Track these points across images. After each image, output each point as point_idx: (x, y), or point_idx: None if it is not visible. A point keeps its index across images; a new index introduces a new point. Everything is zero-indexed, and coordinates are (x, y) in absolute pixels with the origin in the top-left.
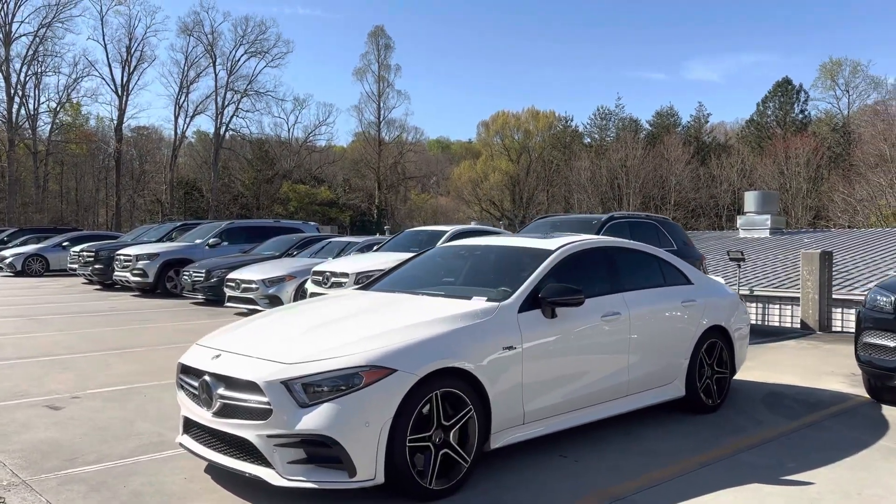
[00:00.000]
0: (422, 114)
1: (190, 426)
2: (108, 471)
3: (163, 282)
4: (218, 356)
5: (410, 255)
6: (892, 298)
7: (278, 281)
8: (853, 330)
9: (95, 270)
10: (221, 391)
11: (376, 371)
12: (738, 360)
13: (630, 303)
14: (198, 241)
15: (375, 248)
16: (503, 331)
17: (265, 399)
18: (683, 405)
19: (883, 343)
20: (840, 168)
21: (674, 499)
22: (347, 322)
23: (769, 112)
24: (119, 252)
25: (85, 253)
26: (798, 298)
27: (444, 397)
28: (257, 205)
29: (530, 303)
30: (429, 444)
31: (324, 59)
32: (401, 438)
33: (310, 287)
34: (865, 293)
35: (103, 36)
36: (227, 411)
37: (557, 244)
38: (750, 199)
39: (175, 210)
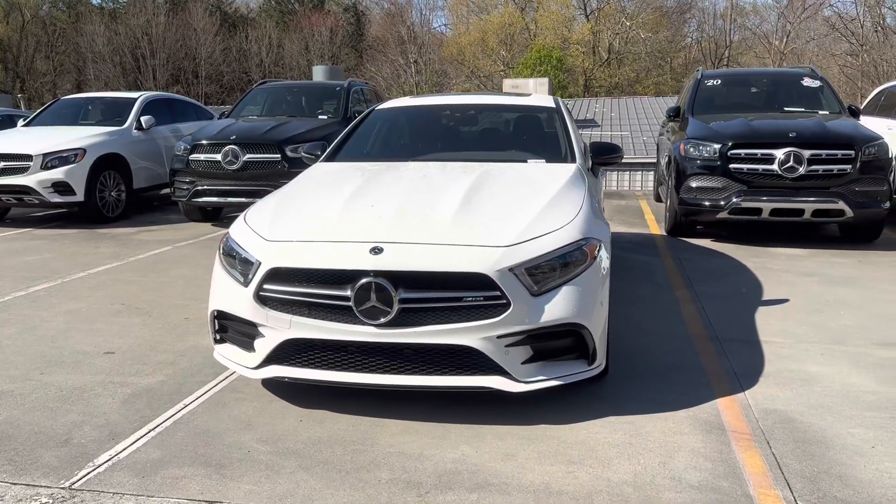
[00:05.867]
0: None
1: (299, 351)
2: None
3: None
4: (380, 250)
5: (113, 128)
6: (717, 147)
7: None
8: None
9: None
10: (404, 293)
11: (593, 244)
12: None
13: None
14: None
15: (22, 123)
16: (594, 192)
17: (495, 293)
18: None
19: (710, 185)
20: (357, 48)
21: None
22: (478, 195)
23: None
24: None
25: None
26: None
27: None
28: None
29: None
30: None
31: None
32: None
33: None
34: (673, 145)
35: None
36: (412, 318)
37: (549, 100)
38: (318, 72)
39: None
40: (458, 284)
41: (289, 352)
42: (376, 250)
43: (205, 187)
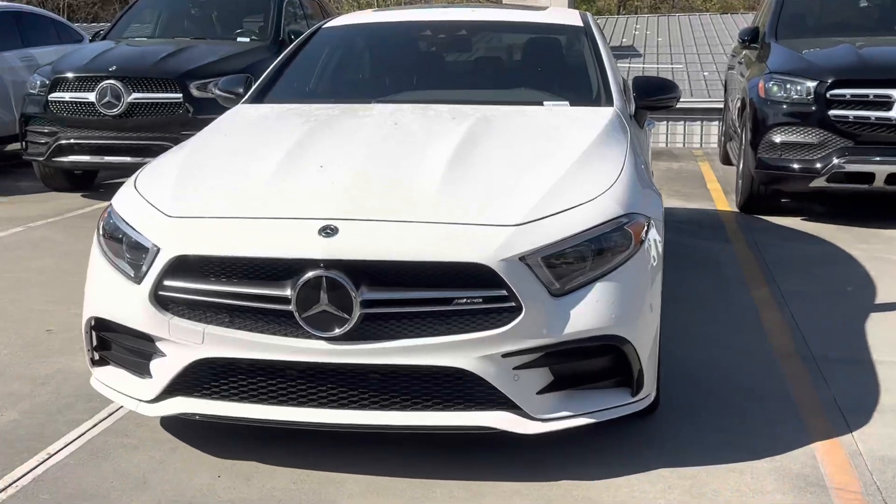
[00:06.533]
0: None
1: (217, 376)
2: None
3: None
4: (333, 230)
5: None
6: (811, 85)
7: None
8: None
9: None
10: (369, 293)
11: (639, 222)
12: None
13: None
14: None
15: None
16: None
17: (499, 292)
18: None
19: (801, 140)
20: None
21: None
22: (474, 153)
23: None
24: None
25: None
26: None
27: None
28: None
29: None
30: None
31: None
32: None
33: None
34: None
35: None
36: (380, 329)
37: (573, 16)
38: None
39: None
40: (445, 280)
41: (201, 377)
42: (328, 231)
43: (72, 141)
